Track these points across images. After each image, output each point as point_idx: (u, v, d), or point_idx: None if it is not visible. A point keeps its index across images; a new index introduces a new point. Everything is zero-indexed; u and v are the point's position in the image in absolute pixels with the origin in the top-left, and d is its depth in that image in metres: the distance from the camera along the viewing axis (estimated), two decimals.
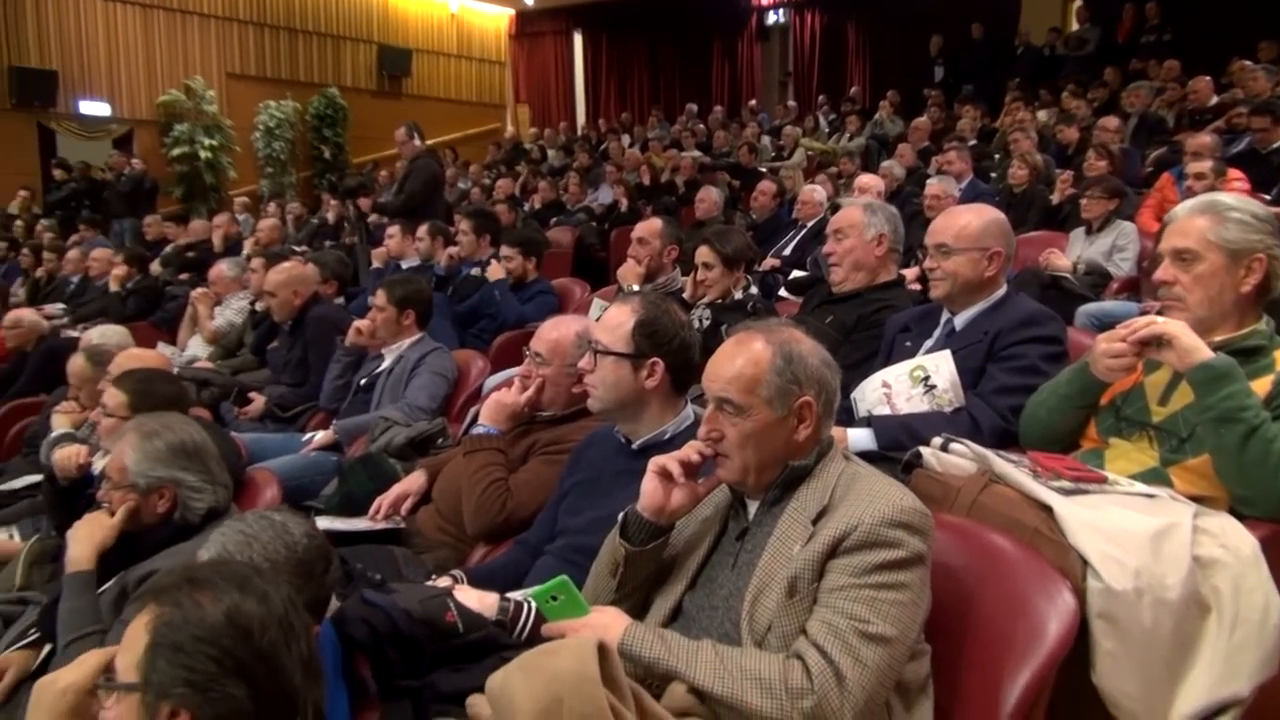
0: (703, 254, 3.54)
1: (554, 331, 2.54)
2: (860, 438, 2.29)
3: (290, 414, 4.14)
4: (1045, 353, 2.34)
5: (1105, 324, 3.28)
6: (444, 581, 2.05)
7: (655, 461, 1.67)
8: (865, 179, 6.25)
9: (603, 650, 1.32)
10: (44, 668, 2.21)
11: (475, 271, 5.23)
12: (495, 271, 4.73)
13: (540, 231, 6.38)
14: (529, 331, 4.46)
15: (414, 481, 2.83)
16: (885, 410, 2.38)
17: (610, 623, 1.52)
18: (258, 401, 4.23)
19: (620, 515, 1.75)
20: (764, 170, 9.68)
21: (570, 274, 6.55)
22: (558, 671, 1.29)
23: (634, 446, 2.12)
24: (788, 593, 1.47)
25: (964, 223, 2.47)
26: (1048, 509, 1.72)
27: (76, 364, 3.71)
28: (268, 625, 1.21)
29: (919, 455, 2.01)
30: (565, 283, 5.25)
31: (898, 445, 2.21)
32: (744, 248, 3.60)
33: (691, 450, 1.66)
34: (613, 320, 2.11)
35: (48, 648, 2.23)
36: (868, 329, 2.81)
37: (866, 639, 1.39)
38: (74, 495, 2.82)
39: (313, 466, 3.43)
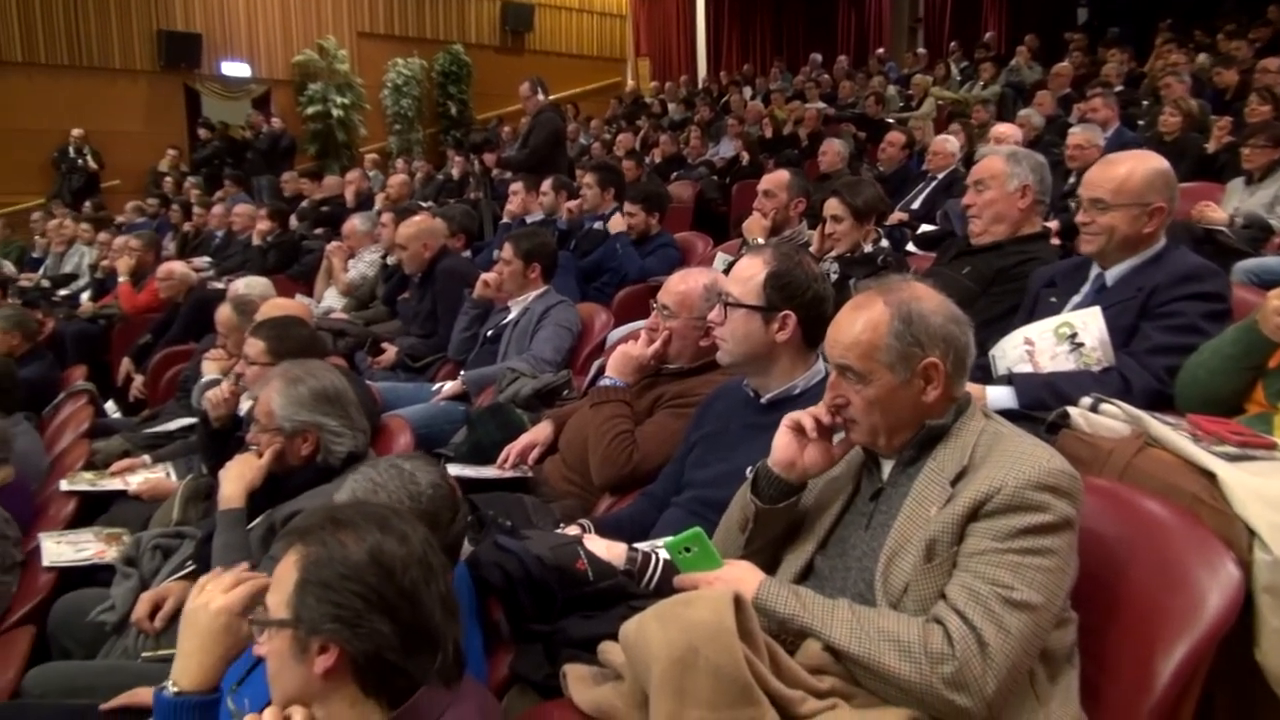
0: (832, 206, 3.45)
1: (681, 284, 2.52)
2: (1000, 396, 2.19)
3: (421, 364, 4.26)
4: (1206, 310, 2.19)
5: (1266, 281, 3.06)
6: (572, 530, 2.08)
7: (790, 417, 1.64)
8: (1002, 128, 5.96)
9: (738, 602, 1.32)
10: None
11: (598, 225, 5.25)
12: (616, 224, 4.72)
13: (662, 186, 6.34)
14: (652, 285, 4.47)
15: (541, 432, 2.87)
16: (1027, 368, 2.28)
17: (744, 576, 1.49)
18: (390, 351, 4.37)
19: (751, 470, 1.72)
20: (891, 121, 9.37)
21: (691, 228, 6.50)
22: (693, 621, 1.29)
23: (763, 401, 2.09)
24: (925, 556, 1.42)
25: (1124, 174, 2.30)
26: (1210, 475, 1.62)
27: (224, 313, 3.89)
28: (408, 564, 1.24)
29: (1065, 415, 1.92)
30: (688, 236, 5.21)
31: (1040, 404, 2.11)
32: (875, 200, 3.49)
33: (824, 410, 1.61)
34: (744, 272, 2.07)
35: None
36: (1008, 282, 2.68)
37: (1010, 605, 1.33)
38: (225, 437, 2.98)
39: (442, 415, 3.52)
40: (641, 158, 9.71)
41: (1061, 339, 2.25)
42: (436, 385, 3.90)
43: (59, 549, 2.76)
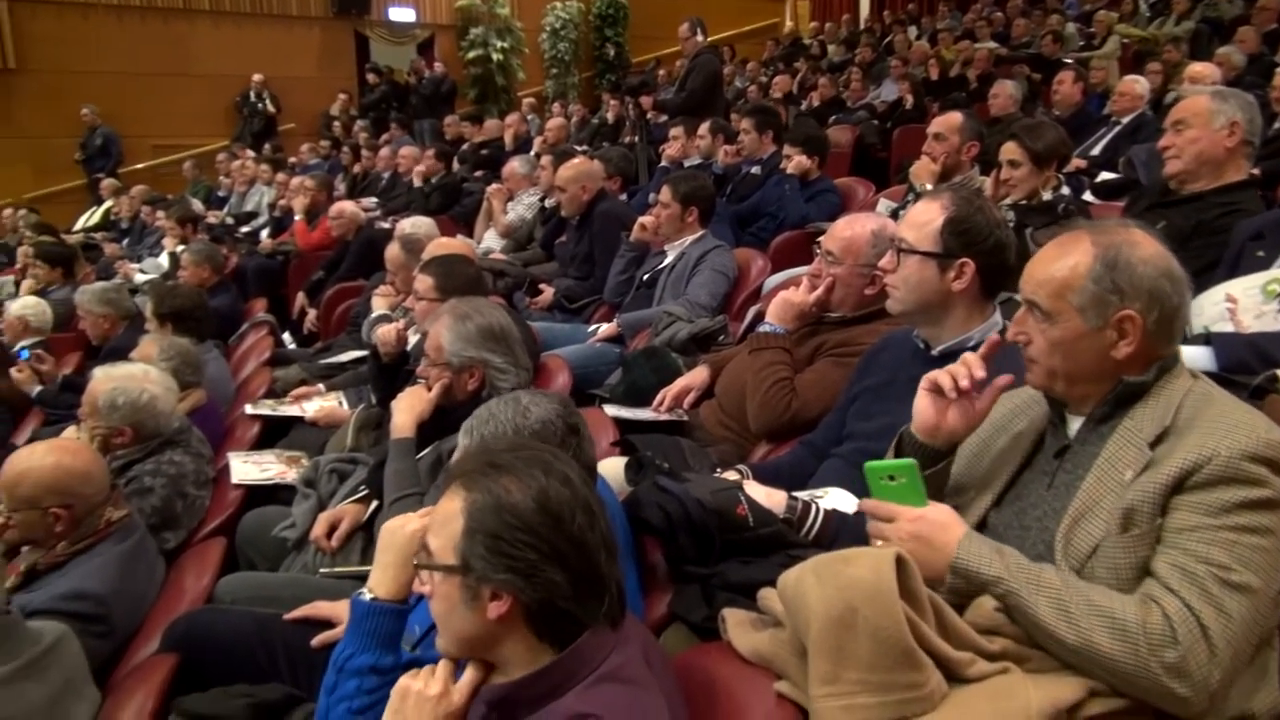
0: (1009, 150, 3.26)
1: (848, 229, 2.44)
2: (1196, 356, 2.03)
3: (577, 305, 4.32)
4: None
5: None
6: (730, 475, 2.07)
7: (927, 378, 1.53)
8: (1198, 67, 5.49)
9: (900, 562, 1.27)
10: (372, 520, 2.48)
11: (755, 170, 5.16)
12: (795, 165, 4.60)
13: (820, 129, 6.16)
14: (809, 232, 4.38)
15: (697, 376, 2.87)
16: (1227, 327, 2.10)
17: (948, 523, 1.38)
18: (547, 293, 4.45)
19: (897, 434, 1.65)
20: (1068, 61, 8.76)
21: (848, 174, 6.30)
22: (852, 579, 1.25)
23: (934, 352, 2.00)
24: (1121, 525, 1.31)
25: None
26: None
27: (393, 252, 4.04)
28: (574, 509, 1.24)
29: (1275, 379, 1.76)
30: (849, 182, 5.05)
31: (1243, 367, 1.94)
32: (1056, 144, 3.28)
33: (964, 369, 1.49)
34: (920, 217, 1.97)
35: (375, 503, 2.50)
36: (1210, 235, 2.47)
37: (1228, 588, 1.21)
38: (394, 370, 3.11)
39: (598, 357, 3.57)
40: (798, 101, 9.48)
41: (1270, 296, 2.06)
42: (592, 327, 3.95)
43: (245, 468, 2.96)
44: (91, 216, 10.10)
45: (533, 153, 7.35)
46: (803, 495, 1.90)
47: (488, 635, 1.26)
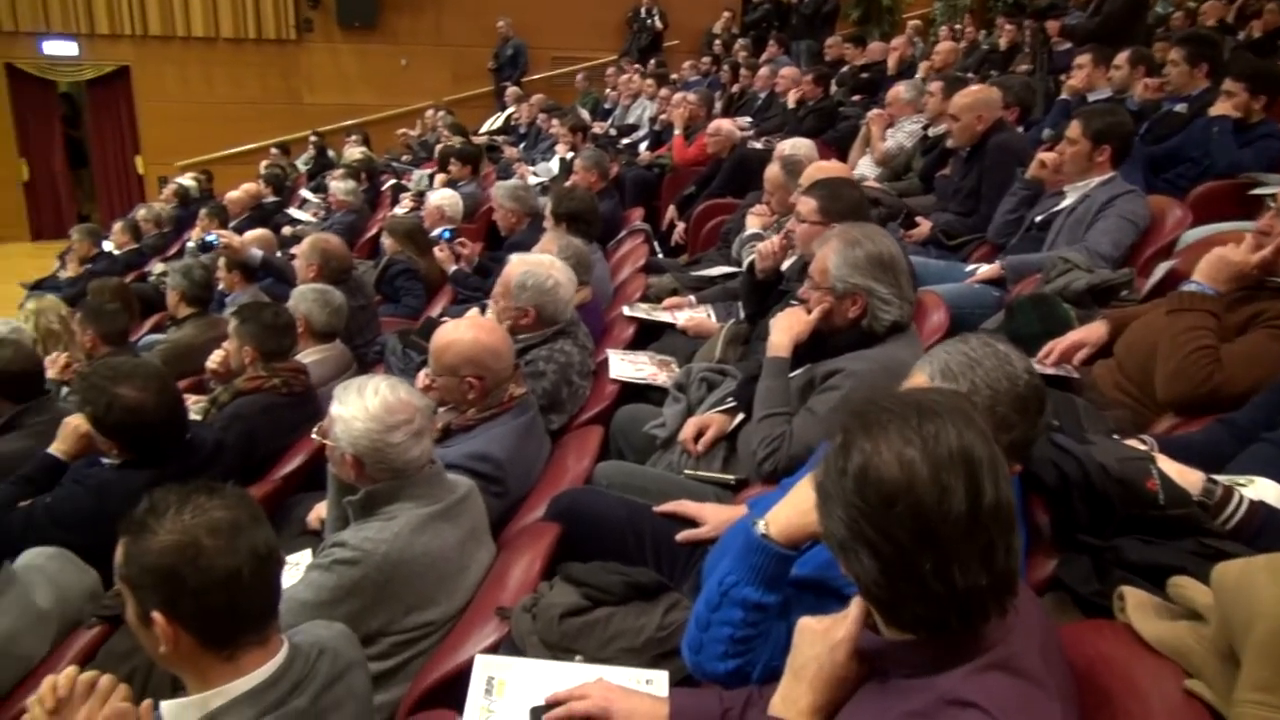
0: None
1: None
2: None
3: (955, 243, 4.10)
4: None
5: None
6: (1134, 444, 1.88)
7: None
8: None
9: None
10: (736, 431, 2.56)
11: (1180, 108, 4.55)
12: (1220, 107, 4.02)
13: (1272, 64, 5.27)
14: (1241, 182, 3.81)
15: (1093, 332, 2.62)
16: None
17: None
18: (924, 226, 4.26)
19: None
20: None
21: None
22: None
23: None
24: None
25: None
26: None
27: (772, 172, 4.06)
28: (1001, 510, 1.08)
29: None
30: None
31: None
32: None
33: None
34: None
35: (740, 416, 2.57)
36: None
37: None
38: (766, 289, 3.15)
39: (975, 298, 3.37)
40: (1235, 30, 8.20)
41: None
42: (970, 266, 3.74)
43: (622, 365, 3.16)
44: (496, 121, 11.14)
45: (918, 77, 7.01)
46: (1223, 479, 1.68)
47: None
